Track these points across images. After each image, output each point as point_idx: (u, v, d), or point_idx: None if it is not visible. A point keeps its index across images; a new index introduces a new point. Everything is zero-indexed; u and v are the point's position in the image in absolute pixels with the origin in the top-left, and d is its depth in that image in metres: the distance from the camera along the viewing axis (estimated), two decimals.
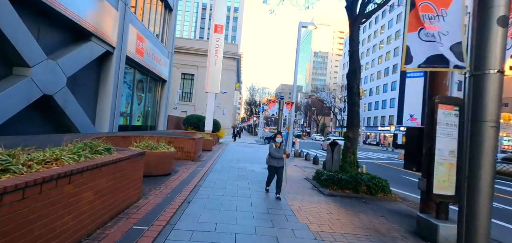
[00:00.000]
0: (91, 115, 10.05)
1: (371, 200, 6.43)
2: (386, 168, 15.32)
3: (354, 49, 7.94)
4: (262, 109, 49.50)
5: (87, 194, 2.97)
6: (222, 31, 18.56)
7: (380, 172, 11.37)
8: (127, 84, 13.43)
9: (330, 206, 5.53)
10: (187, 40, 45.32)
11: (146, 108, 16.08)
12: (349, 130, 7.80)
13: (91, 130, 9.40)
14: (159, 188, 5.50)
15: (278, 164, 5.77)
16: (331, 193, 6.59)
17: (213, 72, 18.55)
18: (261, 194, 6.00)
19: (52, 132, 8.14)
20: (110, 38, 9.97)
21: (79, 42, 8.64)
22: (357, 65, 7.87)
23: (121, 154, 3.90)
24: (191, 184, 6.10)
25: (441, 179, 4.18)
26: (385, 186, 6.86)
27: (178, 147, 9.93)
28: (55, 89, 7.45)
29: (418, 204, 6.77)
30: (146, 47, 13.70)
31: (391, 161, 19.92)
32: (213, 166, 9.28)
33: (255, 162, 11.59)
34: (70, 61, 7.95)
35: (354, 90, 7.84)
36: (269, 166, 5.92)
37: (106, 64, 10.47)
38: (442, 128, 4.24)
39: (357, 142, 7.79)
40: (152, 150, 6.57)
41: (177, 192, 5.30)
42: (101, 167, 3.20)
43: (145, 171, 6.35)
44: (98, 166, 3.14)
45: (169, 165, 6.93)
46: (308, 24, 18.54)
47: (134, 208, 4.12)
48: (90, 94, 10.07)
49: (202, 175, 7.34)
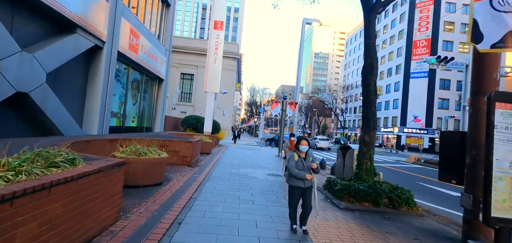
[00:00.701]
0: (78, 116, 9.15)
1: (394, 214, 5.52)
2: (397, 173, 14.40)
3: (370, 42, 7.04)
4: (263, 110, 48.60)
5: (25, 229, 2.06)
6: (222, 28, 17.68)
7: (392, 178, 10.46)
8: (121, 83, 12.54)
9: (351, 225, 4.61)
10: (187, 40, 44.44)
11: (142, 109, 15.18)
12: (365, 132, 6.88)
13: (77, 132, 8.50)
14: (145, 203, 4.59)
15: (304, 184, 3.90)
16: (347, 206, 5.68)
17: (213, 71, 17.66)
18: (266, 209, 5.08)
19: (31, 134, 7.24)
20: (99, 32, 9.08)
21: (62, 34, 7.75)
22: (374, 59, 6.97)
23: (89, 167, 3.00)
24: (185, 197, 5.19)
25: (500, 198, 3.27)
26: (409, 198, 5.95)
27: (173, 150, 9.04)
28: (32, 86, 6.55)
29: (448, 218, 5.88)
30: (141, 43, 12.81)
31: (401, 165, 18.99)
32: (212, 173, 8.37)
33: (257, 167, 10.68)
34: (50, 54, 7.06)
35: (370, 88, 6.92)
36: (291, 186, 4.01)
37: (95, 60, 9.57)
38: (500, 133, 3.33)
39: (374, 147, 6.88)
40: (140, 156, 5.67)
41: (167, 208, 4.39)
42: (51, 188, 2.30)
43: (130, 181, 5.47)
44: (46, 187, 2.24)
45: (160, 173, 6.02)
46: (312, 21, 17.70)
47: (107, 235, 3.22)
48: (77, 93, 9.18)
49: (198, 184, 6.43)
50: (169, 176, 6.95)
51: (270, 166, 11.24)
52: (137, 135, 10.15)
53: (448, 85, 44.41)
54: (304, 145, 3.98)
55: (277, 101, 17.84)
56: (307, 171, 3.88)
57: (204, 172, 8.24)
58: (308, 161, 3.97)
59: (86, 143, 6.14)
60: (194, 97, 37.53)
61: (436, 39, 43.80)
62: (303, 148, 3.97)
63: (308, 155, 4.02)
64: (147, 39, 13.54)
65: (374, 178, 6.69)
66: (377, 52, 7.20)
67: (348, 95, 65.36)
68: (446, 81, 44.31)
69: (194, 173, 7.78)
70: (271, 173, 9.38)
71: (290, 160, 4.00)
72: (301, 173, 3.85)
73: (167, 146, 8.99)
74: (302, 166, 3.90)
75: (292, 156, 4.00)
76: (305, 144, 3.99)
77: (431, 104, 44.27)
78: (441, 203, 7.74)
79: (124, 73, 12.65)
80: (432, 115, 44.22)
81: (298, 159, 3.95)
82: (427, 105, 44.50)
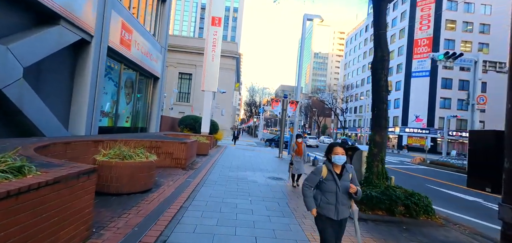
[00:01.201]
0: (63, 116, 8.48)
1: (413, 225, 4.88)
2: (403, 175, 13.78)
3: (381, 32, 6.42)
4: (263, 110, 47.97)
5: None
6: (220, 24, 17.02)
7: (399, 181, 9.83)
8: (113, 81, 11.88)
9: (366, 240, 3.97)
10: (185, 39, 43.76)
11: (136, 109, 14.51)
12: (375, 132, 6.25)
13: (62, 133, 7.83)
14: (126, 214, 3.94)
15: (337, 215, 2.56)
16: (359, 215, 5.03)
17: (211, 68, 16.99)
18: (267, 221, 4.43)
19: (7, 135, 6.57)
20: (86, 24, 8.42)
21: (43, 26, 7.08)
22: (385, 51, 6.34)
23: (41, 177, 2.35)
24: (174, 207, 4.53)
25: None
26: (427, 205, 5.32)
27: (166, 152, 8.39)
28: (6, 81, 5.88)
29: (471, 228, 5.23)
30: (134, 39, 12.15)
31: (405, 166, 18.36)
32: (208, 176, 7.72)
33: (257, 169, 10.03)
34: (28, 47, 6.39)
35: (381, 83, 6.29)
36: (319, 216, 2.62)
37: (83, 55, 8.90)
38: None
39: (385, 148, 6.24)
40: (124, 160, 5.01)
41: (151, 222, 3.73)
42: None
43: (113, 188, 4.81)
44: None
45: (148, 179, 5.36)
46: (314, 16, 17.06)
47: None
48: (62, 91, 8.51)
49: (191, 190, 5.77)
50: (159, 181, 6.29)
51: (270, 168, 10.59)
52: (129, 136, 9.49)
53: (450, 84, 43.86)
54: (339, 154, 2.55)
55: (278, 100, 17.21)
56: (343, 194, 2.55)
57: (199, 175, 7.58)
58: (345, 180, 2.58)
59: (65, 145, 5.48)
60: (192, 97, 36.87)
61: (437, 38, 43.25)
62: (339, 159, 2.54)
63: (346, 171, 2.62)
64: (141, 35, 12.87)
65: (386, 182, 6.06)
66: (388, 44, 6.57)
67: (348, 95, 64.79)
68: (448, 80, 43.76)
69: (188, 177, 7.12)
70: (271, 176, 8.74)
71: (310, 179, 2.65)
72: (339, 192, 2.53)
73: (160, 147, 8.34)
74: (335, 188, 2.55)
75: (318, 170, 2.64)
76: (342, 153, 2.56)
77: (432, 103, 43.70)
78: (456, 208, 7.11)
79: (116, 71, 11.99)
80: (434, 115, 43.65)
81: (328, 174, 2.59)
82: (429, 105, 43.92)
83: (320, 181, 2.63)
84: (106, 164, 4.84)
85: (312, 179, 2.66)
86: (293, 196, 6.23)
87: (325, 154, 2.73)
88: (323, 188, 2.61)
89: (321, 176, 2.62)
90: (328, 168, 2.62)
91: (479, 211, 7.19)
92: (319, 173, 2.63)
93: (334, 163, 2.58)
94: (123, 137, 7.97)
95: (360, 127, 57.72)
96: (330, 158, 2.61)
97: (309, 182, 2.66)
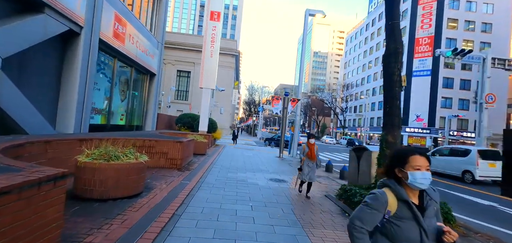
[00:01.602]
0: (50, 112, 7.91)
1: None
2: None
3: (395, 22, 5.87)
4: (262, 109, 47.46)
5: None
6: (218, 19, 16.45)
7: None
8: (106, 76, 11.31)
9: None
10: (183, 35, 43.05)
11: (131, 106, 13.93)
12: (388, 132, 5.71)
13: (47, 131, 7.27)
14: (108, 225, 3.39)
15: None
16: None
17: (209, 64, 16.43)
18: (271, 231, 3.90)
19: None
20: (74, 14, 7.85)
21: (25, 14, 6.51)
22: (399, 43, 5.80)
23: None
24: (165, 214, 3.99)
25: None
26: (448, 212, 4.79)
27: (160, 152, 7.85)
28: None
29: (495, 237, 4.71)
30: (129, 32, 11.57)
31: None
32: (204, 178, 7.18)
33: (257, 170, 9.50)
34: (7, 37, 5.82)
35: (394, 77, 5.75)
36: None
37: (72, 48, 8.33)
38: None
39: None
40: (110, 161, 4.45)
41: (135, 235, 3.19)
42: None
43: (97, 193, 4.24)
44: None
45: (137, 182, 4.81)
46: (316, 12, 16.52)
47: None
48: (49, 85, 7.93)
49: (186, 195, 5.23)
50: (151, 183, 5.75)
51: (271, 169, 10.06)
52: (121, 134, 8.93)
53: (451, 84, 43.47)
54: (423, 168, 1.39)
55: (278, 98, 16.67)
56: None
57: (196, 177, 7.04)
58: (430, 216, 1.41)
59: (46, 144, 4.92)
60: (191, 95, 36.25)
61: (439, 37, 42.79)
62: (423, 178, 1.38)
63: (429, 199, 1.45)
64: (136, 28, 12.30)
65: None
66: (402, 36, 6.03)
67: (348, 94, 64.32)
68: (449, 79, 43.37)
69: (183, 179, 6.58)
70: (273, 178, 8.21)
71: (369, 209, 1.42)
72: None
73: (154, 146, 7.80)
74: (418, 233, 1.36)
75: (380, 200, 1.42)
76: (426, 167, 1.40)
77: (433, 103, 43.29)
78: (471, 213, 6.61)
79: (109, 66, 11.41)
80: (435, 115, 43.24)
81: (400, 207, 1.40)
82: (430, 104, 43.50)
83: (385, 220, 1.42)
84: (89, 165, 4.29)
85: (368, 216, 1.41)
86: (298, 202, 5.70)
87: (389, 167, 1.51)
88: (392, 234, 1.39)
89: (387, 211, 1.40)
90: (400, 195, 1.41)
91: (495, 215, 6.70)
92: (382, 205, 1.41)
93: (411, 185, 1.40)
94: (115, 136, 7.42)
95: (360, 126, 57.31)
96: (405, 175, 1.41)
97: (362, 223, 1.41)
